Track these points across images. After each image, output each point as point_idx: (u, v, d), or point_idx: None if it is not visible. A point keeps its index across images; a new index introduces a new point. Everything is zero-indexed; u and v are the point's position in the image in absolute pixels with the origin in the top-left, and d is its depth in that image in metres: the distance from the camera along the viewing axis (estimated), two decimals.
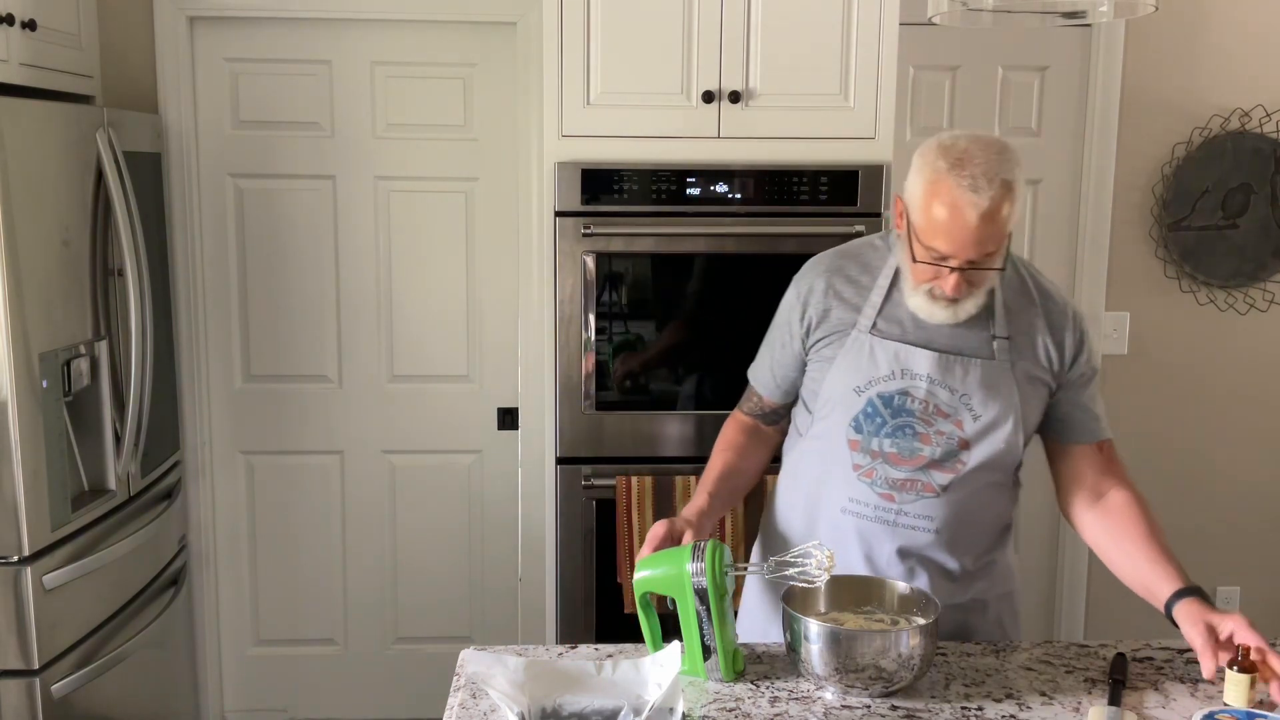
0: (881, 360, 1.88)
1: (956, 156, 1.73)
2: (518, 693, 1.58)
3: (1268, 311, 3.56)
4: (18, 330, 2.41)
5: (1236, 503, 3.66)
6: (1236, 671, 1.69)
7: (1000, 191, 1.71)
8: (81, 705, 2.63)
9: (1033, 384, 1.90)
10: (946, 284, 1.78)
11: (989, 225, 1.72)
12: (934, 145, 1.78)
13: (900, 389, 1.87)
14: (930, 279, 1.80)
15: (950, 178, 1.72)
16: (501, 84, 3.39)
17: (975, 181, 1.71)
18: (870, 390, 1.88)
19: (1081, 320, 1.96)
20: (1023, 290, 1.93)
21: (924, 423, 1.87)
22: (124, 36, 3.26)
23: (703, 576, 1.70)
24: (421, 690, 3.60)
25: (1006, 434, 1.89)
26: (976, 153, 1.73)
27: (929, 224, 1.76)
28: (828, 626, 1.67)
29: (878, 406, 1.88)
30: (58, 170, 2.59)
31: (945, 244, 1.75)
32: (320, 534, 3.57)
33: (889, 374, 1.87)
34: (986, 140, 1.76)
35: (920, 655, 1.67)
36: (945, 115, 3.45)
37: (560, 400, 2.90)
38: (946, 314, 1.82)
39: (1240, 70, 3.45)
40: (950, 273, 1.77)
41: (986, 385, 1.87)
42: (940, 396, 1.86)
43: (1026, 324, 1.91)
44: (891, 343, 1.88)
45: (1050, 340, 1.91)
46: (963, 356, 1.86)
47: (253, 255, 3.43)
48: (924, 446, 1.87)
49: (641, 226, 2.85)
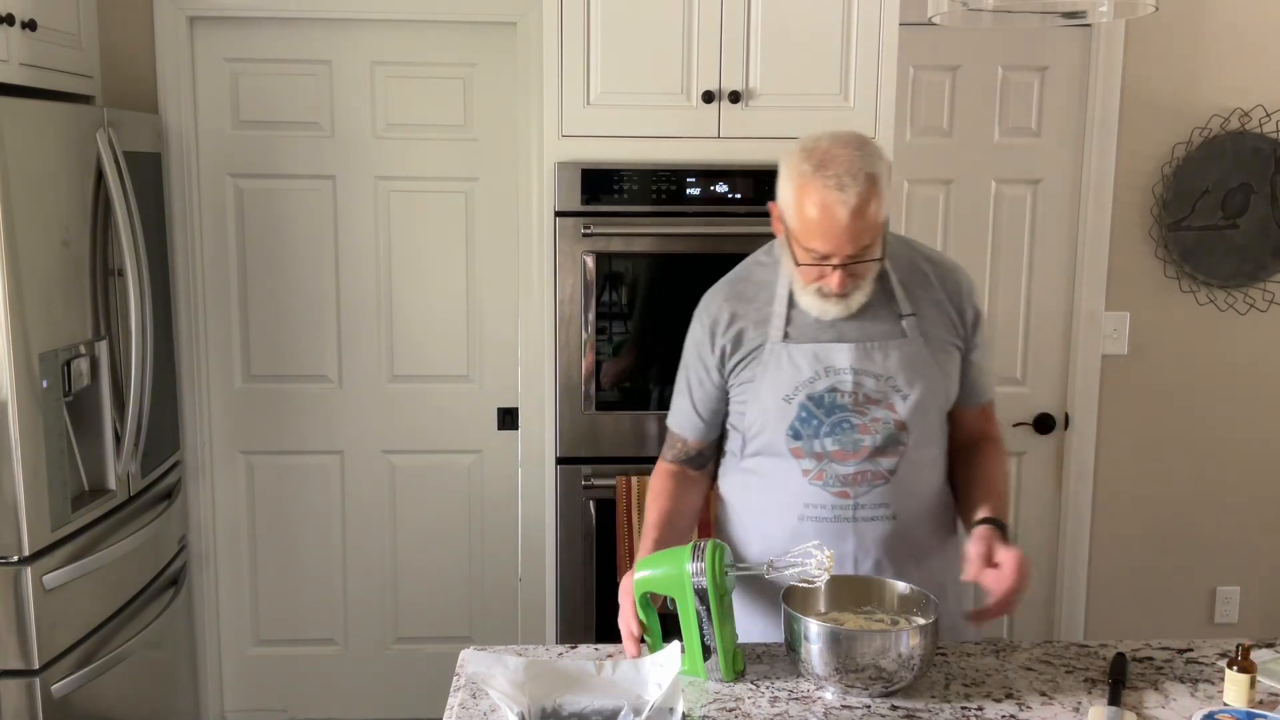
0: (803, 364, 1.92)
1: (819, 159, 1.80)
2: (518, 693, 1.58)
3: (1268, 311, 3.56)
4: (18, 330, 2.41)
5: (1236, 503, 3.66)
6: (1236, 672, 1.69)
7: (866, 186, 1.78)
8: (81, 705, 2.64)
9: (946, 352, 1.97)
10: (831, 281, 1.84)
11: (859, 220, 1.78)
12: (797, 150, 1.84)
13: (828, 387, 1.91)
14: (816, 279, 1.86)
15: (817, 180, 1.78)
16: (501, 84, 3.39)
17: (840, 180, 1.77)
18: (799, 395, 1.91)
19: (971, 281, 2.04)
20: (913, 266, 1.99)
21: (858, 413, 1.91)
22: (124, 36, 3.26)
23: (702, 576, 1.70)
24: (421, 690, 3.60)
25: (938, 406, 1.96)
26: (838, 151, 1.80)
27: (804, 226, 1.81)
28: (828, 626, 1.67)
29: (811, 409, 1.91)
30: (58, 170, 2.59)
31: (822, 244, 1.81)
32: (320, 534, 3.57)
33: (813, 375, 1.91)
34: (846, 137, 1.83)
35: (920, 655, 1.67)
36: (945, 115, 3.45)
37: (560, 400, 2.91)
38: (839, 308, 1.88)
39: (1240, 70, 3.45)
40: (833, 270, 1.83)
41: (907, 364, 1.92)
42: (867, 385, 1.91)
43: (926, 296, 1.97)
44: (808, 345, 1.92)
45: (951, 307, 1.98)
46: (878, 341, 1.92)
47: (253, 255, 3.43)
48: (864, 436, 1.91)
49: (641, 226, 2.85)
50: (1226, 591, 3.70)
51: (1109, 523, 3.64)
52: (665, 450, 2.10)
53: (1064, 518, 3.64)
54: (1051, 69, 3.45)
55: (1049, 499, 3.66)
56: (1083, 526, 3.63)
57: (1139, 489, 3.63)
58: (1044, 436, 3.61)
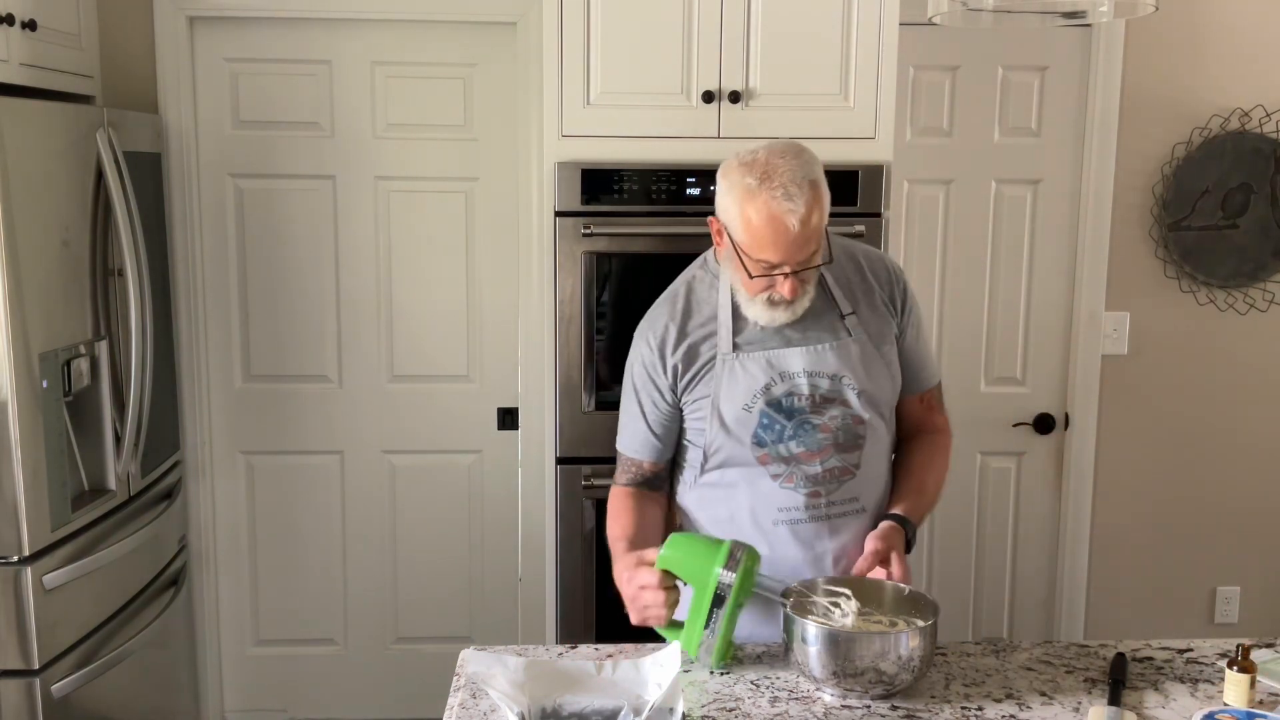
0: (756, 373, 1.93)
1: (762, 171, 1.81)
2: (518, 693, 1.58)
3: (1268, 311, 3.56)
4: (18, 330, 2.41)
5: (1236, 503, 3.66)
6: (1236, 672, 1.69)
7: (811, 194, 1.80)
8: (81, 705, 2.63)
9: (889, 343, 2.01)
10: (783, 289, 1.86)
11: (807, 228, 1.80)
12: (735, 164, 1.86)
13: (785, 391, 1.93)
14: (766, 288, 1.87)
15: (763, 193, 1.80)
16: (501, 84, 3.39)
17: (786, 190, 1.79)
18: (758, 402, 1.93)
19: (900, 270, 2.08)
20: (846, 261, 2.02)
21: (817, 414, 1.94)
22: (124, 36, 3.26)
23: (730, 585, 1.72)
24: (421, 690, 3.60)
25: (887, 397, 2.00)
26: (778, 162, 1.81)
27: (753, 239, 1.82)
28: (827, 628, 1.67)
29: (772, 415, 1.93)
30: (58, 170, 2.59)
31: (773, 254, 1.82)
32: (320, 534, 3.57)
33: (769, 382, 1.93)
34: (782, 147, 1.85)
35: (920, 657, 1.67)
36: (945, 115, 3.45)
37: (560, 400, 2.90)
38: (787, 315, 1.90)
39: (1240, 70, 3.45)
40: (785, 279, 1.84)
41: (855, 360, 1.95)
42: (821, 385, 1.93)
43: (863, 291, 2.00)
44: (759, 353, 1.94)
45: (883, 295, 2.01)
46: (826, 342, 1.94)
47: (253, 255, 3.43)
48: (826, 435, 1.94)
49: (642, 226, 2.85)
50: (1226, 591, 3.70)
51: (1109, 523, 3.64)
52: (619, 475, 2.08)
53: (1064, 518, 3.64)
54: (1051, 69, 3.45)
55: (1049, 499, 3.66)
56: (1083, 527, 3.63)
57: (1139, 489, 3.63)
58: (1044, 436, 3.61)
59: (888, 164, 2.87)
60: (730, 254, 1.88)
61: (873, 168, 2.85)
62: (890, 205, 2.89)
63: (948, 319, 3.53)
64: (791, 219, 1.78)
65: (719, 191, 1.88)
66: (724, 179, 1.87)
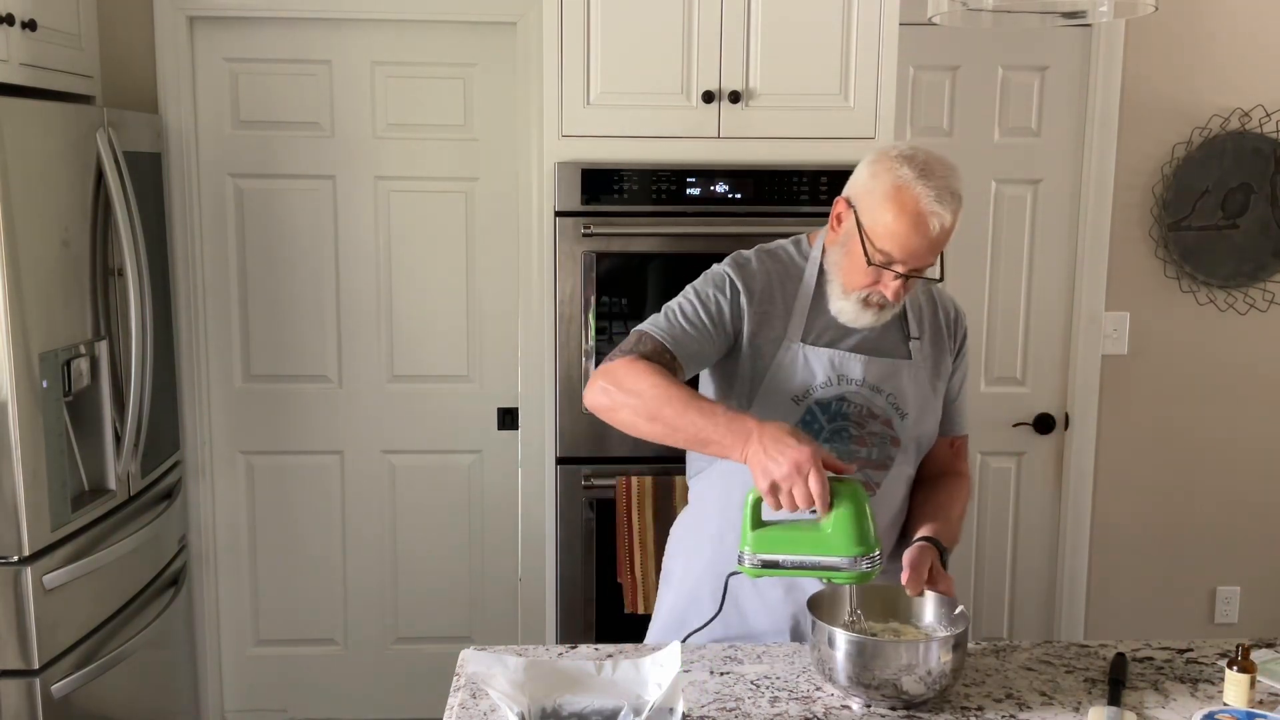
0: (818, 368, 1.90)
1: (921, 166, 1.78)
2: (518, 693, 1.58)
3: (1268, 311, 3.56)
4: (18, 330, 2.41)
5: (1236, 503, 3.66)
6: (1236, 672, 1.69)
7: (956, 206, 1.78)
8: (81, 705, 2.63)
9: (941, 379, 1.99)
10: (889, 289, 1.81)
11: (944, 236, 1.78)
12: (891, 153, 1.82)
13: (837, 395, 1.90)
14: (870, 284, 1.83)
15: (918, 186, 1.76)
16: (501, 84, 3.39)
17: (940, 194, 1.76)
18: (809, 399, 1.90)
19: (964, 314, 2.06)
20: (923, 289, 1.99)
21: (858, 425, 1.91)
22: (124, 36, 3.26)
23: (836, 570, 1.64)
24: (421, 690, 3.60)
25: (929, 429, 1.98)
26: (937, 165, 1.79)
27: (888, 230, 1.78)
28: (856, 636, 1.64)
29: (816, 414, 1.90)
30: (58, 170, 2.59)
31: (899, 250, 1.78)
32: (320, 534, 3.57)
33: (826, 381, 1.90)
34: (940, 155, 1.83)
35: (949, 671, 1.64)
36: (945, 115, 3.45)
37: (560, 400, 2.90)
38: (872, 318, 1.86)
39: (1240, 70, 3.45)
40: (895, 278, 1.80)
41: (911, 385, 1.93)
42: (874, 400, 1.91)
43: (931, 323, 1.98)
44: (825, 350, 1.90)
45: (947, 333, 2.00)
46: (892, 358, 1.92)
47: (253, 255, 3.43)
48: (860, 449, 1.91)
49: (642, 226, 2.85)
50: (1226, 591, 3.70)
51: (1109, 523, 3.64)
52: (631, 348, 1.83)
53: (1064, 518, 3.64)
54: (1051, 69, 3.45)
55: (1049, 499, 3.66)
56: (1083, 527, 3.63)
57: (1139, 489, 3.63)
58: (1044, 436, 3.61)
59: None
60: (850, 238, 1.82)
61: None
62: None
63: None
64: (935, 221, 1.75)
65: (861, 175, 1.83)
66: (874, 164, 1.82)
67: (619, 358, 1.81)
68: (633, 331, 1.88)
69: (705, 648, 1.89)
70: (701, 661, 1.83)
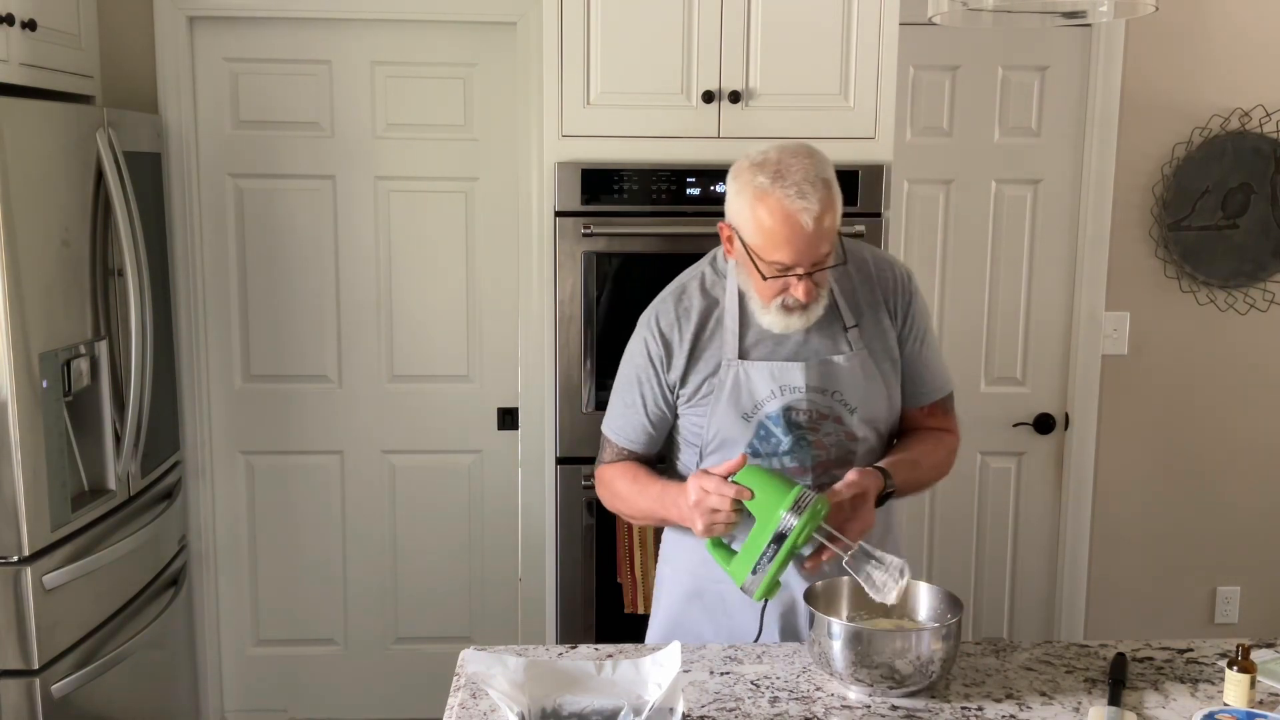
0: (760, 384, 1.91)
1: (774, 170, 1.79)
2: (518, 693, 1.58)
3: (1268, 311, 3.56)
4: (18, 330, 2.41)
5: (1236, 503, 3.66)
6: (1236, 672, 1.69)
7: (825, 193, 1.78)
8: (81, 705, 2.63)
9: (889, 359, 1.98)
10: (798, 291, 1.83)
11: (821, 226, 1.78)
12: (745, 165, 1.83)
13: (785, 405, 1.91)
14: (780, 292, 1.84)
15: (776, 190, 1.77)
16: (501, 84, 3.39)
17: (800, 189, 1.77)
18: (758, 414, 1.92)
19: (908, 278, 2.02)
20: (857, 269, 1.98)
21: (813, 430, 1.92)
22: (124, 36, 3.26)
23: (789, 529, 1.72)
24: (421, 690, 3.60)
25: (878, 413, 1.97)
26: (790, 161, 1.79)
27: (767, 240, 1.80)
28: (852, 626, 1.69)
29: (769, 428, 1.92)
30: (58, 170, 2.59)
31: (788, 255, 1.79)
32: (320, 534, 3.57)
33: (770, 393, 1.91)
34: (794, 147, 1.83)
35: (941, 659, 1.67)
36: (945, 115, 3.45)
37: (560, 400, 2.90)
38: (801, 321, 1.87)
39: (1240, 70, 3.45)
40: (799, 280, 1.81)
41: (854, 378, 1.93)
42: (820, 403, 1.92)
43: (869, 303, 1.97)
44: (764, 363, 1.92)
45: (887, 307, 1.97)
46: (828, 358, 1.92)
47: (253, 255, 3.43)
48: (820, 451, 1.93)
49: (642, 226, 2.85)
50: (1226, 591, 3.70)
51: (1109, 523, 3.64)
52: (605, 456, 2.06)
53: (1064, 518, 3.64)
54: (1051, 69, 3.45)
55: (1049, 499, 3.66)
56: (1083, 526, 3.63)
57: (1139, 489, 3.63)
58: (1044, 436, 3.61)
59: (888, 164, 2.87)
60: (742, 258, 1.85)
61: (873, 168, 2.85)
62: (890, 205, 2.89)
63: (948, 319, 3.53)
64: (805, 217, 1.76)
65: (729, 194, 1.86)
66: (734, 180, 1.84)
67: (598, 467, 2.08)
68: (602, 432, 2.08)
69: (705, 648, 1.90)
70: (701, 661, 1.83)
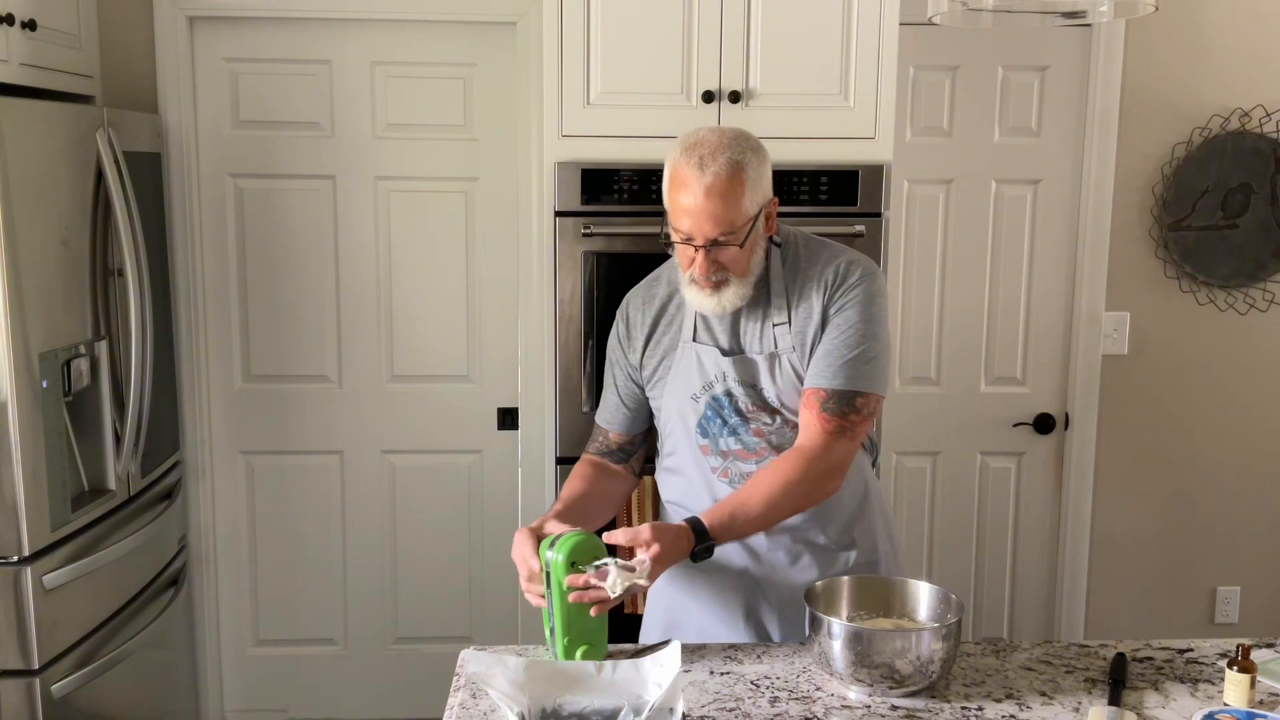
0: (708, 366, 1.98)
1: (691, 143, 1.87)
2: (518, 693, 1.58)
3: (1268, 311, 3.56)
4: (18, 330, 2.41)
5: (1236, 503, 3.66)
6: (1236, 672, 1.69)
7: (726, 169, 1.83)
8: (81, 705, 2.63)
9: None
10: (697, 265, 1.88)
11: (715, 200, 1.83)
12: (679, 139, 1.91)
13: (725, 391, 1.97)
14: (687, 266, 1.90)
15: (682, 159, 1.86)
16: (501, 84, 3.39)
17: (702, 160, 1.84)
18: (704, 395, 1.98)
19: (849, 272, 1.95)
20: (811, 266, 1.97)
21: (752, 418, 1.96)
22: (124, 36, 3.26)
23: (549, 565, 1.76)
24: (421, 690, 3.60)
25: None
26: (708, 137, 1.87)
27: (671, 207, 1.89)
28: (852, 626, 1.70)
29: (714, 409, 1.97)
30: (58, 170, 2.59)
31: (685, 222, 1.86)
32: (320, 534, 3.57)
33: (714, 378, 1.97)
34: (724, 129, 1.90)
35: (940, 659, 1.68)
36: (945, 115, 3.45)
37: (560, 400, 2.90)
38: (712, 303, 1.92)
39: (1240, 70, 3.45)
40: (696, 252, 1.87)
41: (775, 374, 1.95)
42: (750, 395, 1.96)
43: (809, 295, 1.96)
44: (710, 348, 1.98)
45: (820, 302, 1.95)
46: (748, 355, 1.96)
47: (253, 255, 3.43)
48: (759, 439, 1.97)
49: (642, 226, 2.85)
50: (1226, 591, 3.70)
51: (1109, 523, 3.64)
52: (589, 444, 2.19)
53: (1064, 518, 3.64)
54: (1051, 69, 3.45)
55: (1049, 499, 3.66)
56: (1083, 526, 3.63)
57: (1139, 489, 3.63)
58: (1044, 436, 3.61)
59: (888, 164, 2.87)
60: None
61: (873, 168, 2.85)
62: (890, 205, 2.89)
63: (948, 319, 3.53)
64: (697, 187, 1.83)
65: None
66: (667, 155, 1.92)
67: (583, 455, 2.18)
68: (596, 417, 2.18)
69: (705, 648, 1.90)
70: (701, 661, 1.84)
